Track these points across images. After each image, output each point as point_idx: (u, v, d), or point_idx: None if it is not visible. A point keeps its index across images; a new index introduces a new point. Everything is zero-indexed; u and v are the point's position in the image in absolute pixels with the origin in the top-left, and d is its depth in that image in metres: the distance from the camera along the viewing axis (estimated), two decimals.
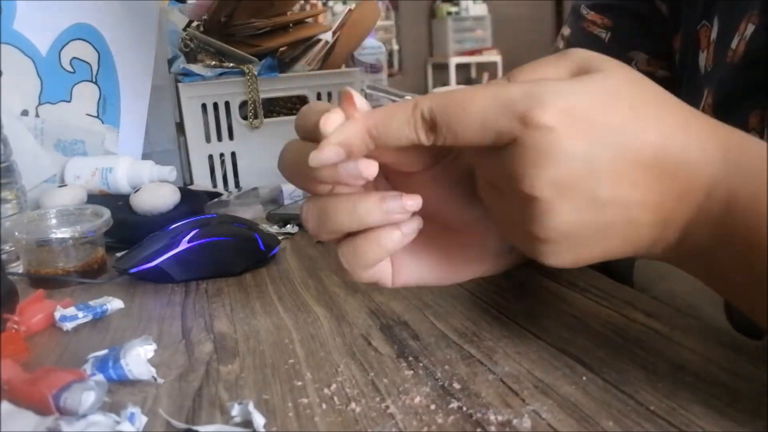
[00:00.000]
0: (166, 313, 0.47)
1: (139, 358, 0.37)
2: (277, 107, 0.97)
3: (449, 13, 6.39)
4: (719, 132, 0.30)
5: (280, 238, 0.64)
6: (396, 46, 6.14)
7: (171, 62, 0.96)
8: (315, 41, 0.96)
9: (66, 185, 0.76)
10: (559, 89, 0.28)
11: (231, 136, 0.92)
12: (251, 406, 0.31)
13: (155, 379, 0.36)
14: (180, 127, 0.95)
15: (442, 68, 6.32)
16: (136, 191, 0.70)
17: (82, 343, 0.43)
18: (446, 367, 0.36)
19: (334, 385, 0.34)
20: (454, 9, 6.42)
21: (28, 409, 0.31)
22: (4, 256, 0.58)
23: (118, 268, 0.55)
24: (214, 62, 0.92)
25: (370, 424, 0.30)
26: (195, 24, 0.96)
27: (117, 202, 0.71)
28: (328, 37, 0.97)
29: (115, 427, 0.30)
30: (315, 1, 0.99)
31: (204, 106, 0.91)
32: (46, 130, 0.82)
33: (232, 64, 0.91)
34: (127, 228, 0.63)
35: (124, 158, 0.81)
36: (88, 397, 0.32)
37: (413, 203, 0.32)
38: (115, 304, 0.47)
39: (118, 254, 0.59)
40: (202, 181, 0.92)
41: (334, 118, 0.31)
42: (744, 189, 0.28)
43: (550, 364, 0.35)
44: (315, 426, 0.31)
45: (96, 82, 0.87)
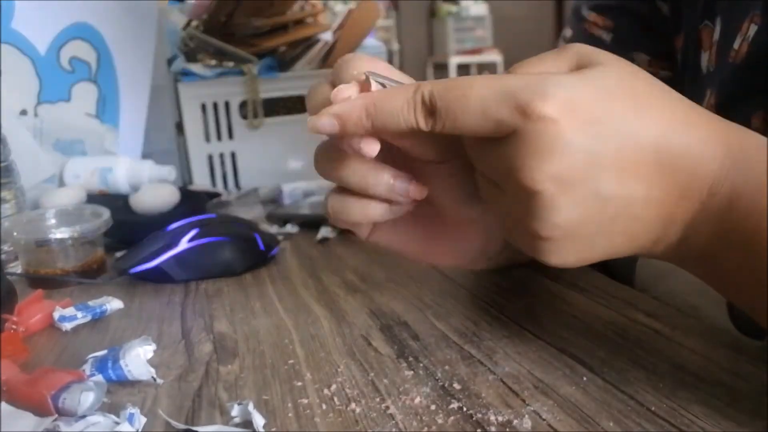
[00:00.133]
0: (166, 313, 0.47)
1: (139, 359, 0.37)
2: (277, 107, 0.97)
3: (449, 13, 6.38)
4: (720, 127, 0.30)
5: (280, 238, 0.64)
6: (396, 46, 6.13)
7: (170, 62, 0.96)
8: (315, 41, 0.96)
9: (65, 185, 0.76)
10: (560, 81, 0.28)
11: (231, 136, 0.92)
12: (251, 407, 0.31)
13: (155, 380, 0.36)
14: (179, 127, 0.95)
15: (442, 68, 6.31)
16: (136, 191, 0.70)
17: (81, 344, 0.42)
18: (446, 367, 0.36)
19: (334, 386, 0.34)
20: (454, 9, 6.41)
21: (27, 409, 0.31)
22: (3, 256, 0.58)
23: (118, 268, 0.54)
24: (213, 62, 0.92)
25: (370, 425, 0.30)
26: (194, 23, 0.96)
27: (116, 202, 0.71)
28: (328, 36, 0.97)
29: (115, 428, 0.30)
30: (315, 1, 0.99)
31: (204, 106, 0.90)
32: (45, 130, 0.82)
33: (231, 64, 0.91)
34: (126, 228, 0.63)
35: (124, 158, 0.81)
36: (87, 398, 0.32)
37: (418, 192, 0.34)
38: (115, 304, 0.47)
39: (118, 254, 0.59)
40: (201, 181, 0.92)
41: (345, 90, 0.32)
42: (746, 186, 0.28)
43: (551, 365, 0.35)
44: (315, 426, 0.31)
45: (95, 82, 0.87)
